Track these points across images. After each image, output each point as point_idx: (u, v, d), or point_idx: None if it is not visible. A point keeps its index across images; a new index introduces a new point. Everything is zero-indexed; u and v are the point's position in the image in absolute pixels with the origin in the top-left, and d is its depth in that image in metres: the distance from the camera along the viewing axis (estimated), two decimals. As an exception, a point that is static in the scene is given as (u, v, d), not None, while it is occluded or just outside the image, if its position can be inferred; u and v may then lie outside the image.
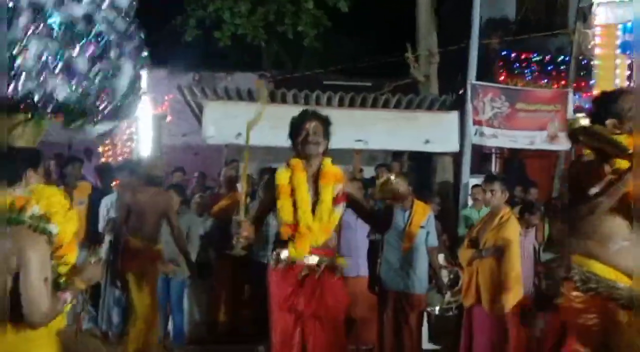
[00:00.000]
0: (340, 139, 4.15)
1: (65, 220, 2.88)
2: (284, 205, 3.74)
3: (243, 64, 14.94)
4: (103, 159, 11.28)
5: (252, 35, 12.71)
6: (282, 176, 3.81)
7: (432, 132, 9.66)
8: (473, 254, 5.28)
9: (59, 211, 2.85)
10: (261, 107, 3.60)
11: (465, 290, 5.35)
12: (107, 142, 11.41)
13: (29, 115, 2.91)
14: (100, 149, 11.62)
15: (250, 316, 6.82)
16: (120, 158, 11.09)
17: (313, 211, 3.72)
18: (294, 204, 3.73)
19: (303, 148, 3.80)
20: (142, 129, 11.02)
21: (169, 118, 12.47)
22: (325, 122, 3.86)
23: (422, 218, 5.74)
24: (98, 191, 7.38)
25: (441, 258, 6.79)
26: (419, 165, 11.10)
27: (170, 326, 6.73)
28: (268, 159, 8.70)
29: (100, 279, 3.21)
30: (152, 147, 11.60)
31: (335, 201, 3.77)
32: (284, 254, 3.74)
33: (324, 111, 3.97)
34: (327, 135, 3.86)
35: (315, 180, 3.81)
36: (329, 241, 3.77)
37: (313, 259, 3.72)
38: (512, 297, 5.14)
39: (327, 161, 3.87)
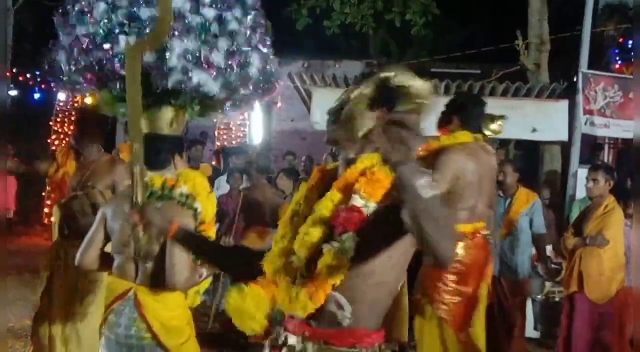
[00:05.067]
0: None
1: (207, 201, 3.24)
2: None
3: (351, 52, 15.21)
4: (218, 143, 11.99)
5: (361, 24, 12.93)
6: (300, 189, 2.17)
7: (540, 120, 9.55)
8: (577, 242, 5.33)
9: (202, 192, 3.21)
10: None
11: (567, 277, 5.40)
12: (222, 127, 12.09)
13: (179, 106, 3.28)
14: (216, 133, 12.33)
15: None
16: (234, 142, 11.74)
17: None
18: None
19: None
20: (254, 114, 11.60)
21: (279, 104, 12.99)
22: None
23: (523, 205, 5.78)
24: (218, 172, 7.92)
25: (549, 248, 6.77)
26: (526, 154, 10.98)
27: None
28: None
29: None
30: (263, 131, 12.21)
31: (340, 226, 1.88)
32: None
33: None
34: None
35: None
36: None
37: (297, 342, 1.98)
38: (615, 285, 5.19)
39: (368, 158, 1.98)
